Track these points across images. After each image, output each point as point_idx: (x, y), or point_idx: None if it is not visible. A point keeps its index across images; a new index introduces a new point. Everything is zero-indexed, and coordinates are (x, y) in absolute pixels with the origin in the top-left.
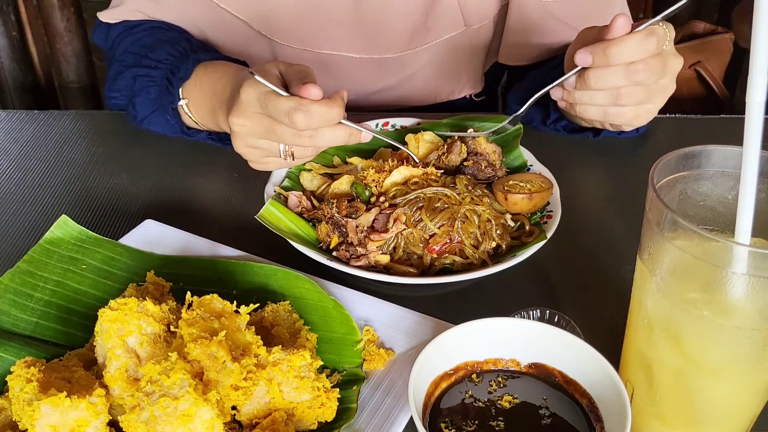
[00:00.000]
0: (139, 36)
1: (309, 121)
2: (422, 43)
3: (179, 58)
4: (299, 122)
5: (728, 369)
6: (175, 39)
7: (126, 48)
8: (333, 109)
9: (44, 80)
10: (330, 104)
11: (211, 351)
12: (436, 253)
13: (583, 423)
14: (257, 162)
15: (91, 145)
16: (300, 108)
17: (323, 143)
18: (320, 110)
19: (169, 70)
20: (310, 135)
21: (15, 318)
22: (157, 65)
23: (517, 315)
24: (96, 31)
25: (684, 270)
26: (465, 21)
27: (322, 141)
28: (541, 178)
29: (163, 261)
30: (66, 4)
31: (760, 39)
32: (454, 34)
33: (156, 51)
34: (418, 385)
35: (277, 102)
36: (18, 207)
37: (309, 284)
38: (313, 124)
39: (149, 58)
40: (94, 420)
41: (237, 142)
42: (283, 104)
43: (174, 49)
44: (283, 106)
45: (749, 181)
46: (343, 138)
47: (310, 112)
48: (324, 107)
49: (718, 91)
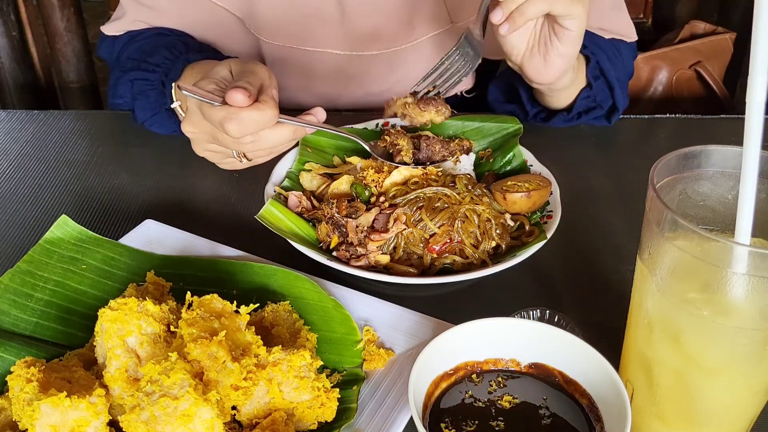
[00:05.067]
0: (140, 44)
1: (243, 129)
2: (408, 40)
3: (174, 61)
4: (232, 132)
5: (728, 369)
6: (173, 43)
7: (128, 55)
8: (265, 112)
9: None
10: (261, 107)
11: (211, 351)
12: (436, 253)
13: (583, 423)
14: (221, 164)
15: (91, 145)
16: (230, 117)
17: (268, 145)
18: (252, 116)
19: (164, 73)
20: (251, 141)
21: (15, 318)
22: (154, 69)
23: (517, 315)
24: (101, 45)
25: (684, 270)
26: (451, 18)
27: (265, 144)
28: (540, 177)
29: (163, 261)
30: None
31: (760, 39)
32: (440, 31)
33: (153, 55)
34: (418, 385)
35: (209, 112)
36: (18, 207)
37: (309, 284)
38: (247, 130)
39: (147, 62)
40: (94, 420)
41: (194, 146)
42: (215, 115)
43: (170, 53)
44: (216, 116)
45: (749, 181)
46: (287, 137)
47: (241, 121)
48: (255, 112)
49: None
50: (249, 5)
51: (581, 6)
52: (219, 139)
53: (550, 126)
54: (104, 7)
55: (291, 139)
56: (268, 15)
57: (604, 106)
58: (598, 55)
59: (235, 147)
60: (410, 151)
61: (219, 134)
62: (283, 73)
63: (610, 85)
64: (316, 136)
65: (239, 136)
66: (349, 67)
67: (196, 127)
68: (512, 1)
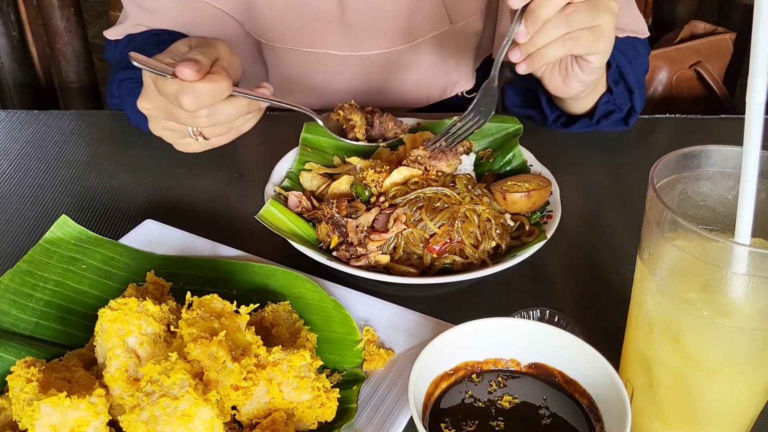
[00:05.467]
0: (136, 44)
1: (198, 102)
2: (408, 41)
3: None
4: (187, 104)
5: (728, 369)
6: (163, 40)
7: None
8: (219, 83)
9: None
10: (214, 79)
11: (211, 351)
12: (436, 253)
13: (583, 423)
14: (178, 144)
15: (91, 145)
16: (183, 90)
17: (223, 119)
18: (205, 88)
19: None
20: (206, 114)
21: (15, 318)
22: None
23: (517, 315)
24: (107, 50)
25: (684, 270)
26: (450, 18)
27: (221, 117)
28: (540, 177)
29: (163, 261)
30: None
31: (760, 39)
32: (439, 32)
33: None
34: (418, 385)
35: (164, 86)
36: (18, 207)
37: (309, 284)
38: (202, 103)
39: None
40: (94, 420)
41: (151, 124)
42: (168, 88)
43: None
44: (169, 89)
45: (749, 181)
46: (242, 109)
47: (195, 93)
48: (208, 84)
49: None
50: (248, 7)
51: (606, 42)
52: (174, 114)
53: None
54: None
55: (245, 112)
56: (268, 17)
57: (623, 109)
58: (618, 59)
59: (191, 122)
60: (363, 127)
61: (174, 109)
62: (283, 74)
63: (630, 88)
64: (316, 136)
65: (194, 109)
66: (349, 68)
67: (151, 103)
68: (532, 44)
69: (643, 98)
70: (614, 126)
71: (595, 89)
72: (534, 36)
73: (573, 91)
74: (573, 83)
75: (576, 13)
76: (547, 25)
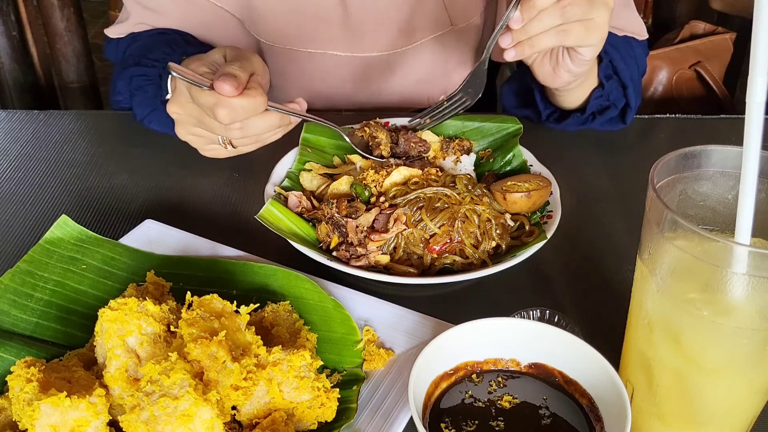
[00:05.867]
0: (142, 41)
1: (233, 116)
2: (408, 42)
3: (172, 55)
4: (222, 118)
5: (728, 369)
6: (173, 39)
7: (130, 52)
8: (255, 99)
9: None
10: (251, 95)
11: (211, 351)
12: (436, 253)
13: (583, 423)
14: (204, 149)
15: (91, 145)
16: (221, 104)
17: (255, 132)
18: (242, 103)
19: (162, 68)
20: (239, 127)
21: (15, 318)
22: (153, 64)
23: (517, 315)
24: (107, 48)
25: (684, 270)
26: (451, 20)
27: (253, 130)
28: (540, 177)
29: (163, 261)
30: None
31: (760, 39)
32: (440, 34)
33: (153, 51)
34: (418, 385)
35: (199, 97)
36: (18, 207)
37: (309, 284)
38: (237, 117)
39: (147, 58)
40: (94, 420)
41: (178, 129)
42: (205, 100)
43: (169, 48)
44: (206, 101)
45: (749, 181)
46: (274, 123)
47: (232, 107)
48: (246, 100)
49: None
50: (248, 7)
51: (598, 35)
52: (206, 123)
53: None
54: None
55: (277, 126)
56: (268, 17)
57: (618, 106)
58: (611, 53)
59: (223, 133)
60: (388, 144)
61: (206, 119)
62: (283, 75)
63: (624, 83)
64: (316, 136)
65: (229, 122)
66: (349, 68)
67: (182, 108)
68: (524, 31)
69: (639, 94)
70: (611, 124)
71: (586, 82)
72: (527, 24)
73: (561, 81)
74: (562, 73)
75: (571, 6)
76: (542, 14)
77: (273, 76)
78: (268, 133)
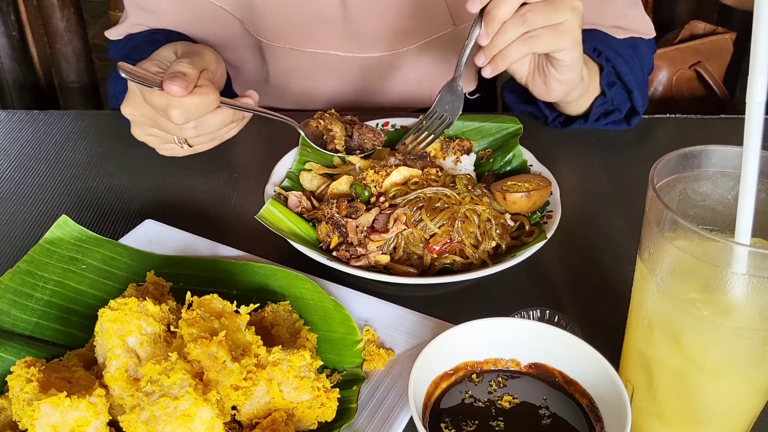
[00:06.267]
0: (135, 43)
1: (186, 116)
2: (410, 42)
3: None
4: (176, 118)
5: (728, 369)
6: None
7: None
8: (207, 96)
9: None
10: (202, 92)
11: (211, 351)
12: (436, 253)
13: (583, 423)
14: (161, 149)
15: (91, 145)
16: (173, 104)
17: (210, 129)
18: (195, 102)
19: None
20: (193, 126)
21: (15, 318)
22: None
23: (517, 315)
24: (111, 49)
25: (684, 270)
26: (453, 20)
27: (207, 128)
28: (540, 177)
29: (163, 261)
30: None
31: (760, 39)
32: (442, 34)
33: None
34: (418, 385)
35: (151, 98)
36: (18, 207)
37: (309, 284)
38: (191, 117)
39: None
40: (94, 420)
41: (134, 130)
42: (156, 100)
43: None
44: (158, 102)
45: (749, 181)
46: (227, 119)
47: (185, 107)
48: (198, 98)
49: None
50: (249, 7)
51: (569, 38)
52: (160, 123)
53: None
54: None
55: (230, 122)
56: (269, 16)
57: (622, 110)
58: (614, 60)
59: (177, 133)
60: (343, 138)
61: (160, 119)
62: (284, 75)
63: (628, 88)
64: None
65: (182, 122)
66: (351, 68)
67: (136, 110)
68: (494, 46)
69: (645, 97)
70: (615, 126)
71: (587, 92)
72: (494, 38)
73: (556, 94)
74: (553, 84)
75: (532, 13)
76: (505, 26)
77: (274, 76)
78: (223, 129)
